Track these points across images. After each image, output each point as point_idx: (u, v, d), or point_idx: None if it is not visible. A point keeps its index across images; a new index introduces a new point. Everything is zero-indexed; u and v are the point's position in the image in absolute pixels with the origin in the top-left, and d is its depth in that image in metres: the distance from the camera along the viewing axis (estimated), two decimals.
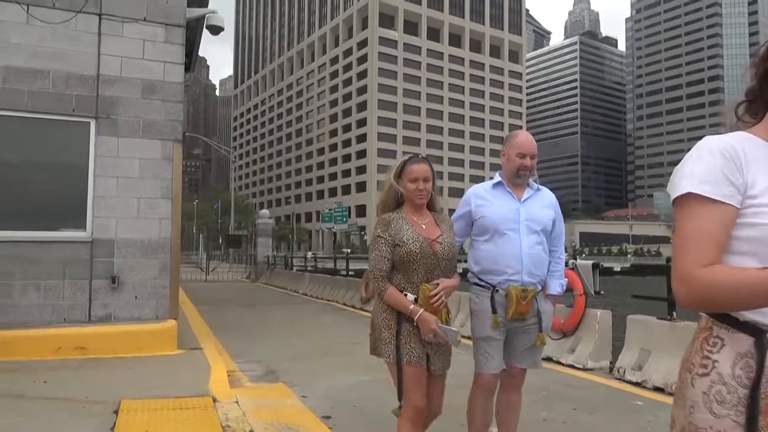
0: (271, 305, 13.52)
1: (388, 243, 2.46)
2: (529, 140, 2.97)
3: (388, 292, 2.44)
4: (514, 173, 2.91)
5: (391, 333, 2.44)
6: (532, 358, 2.95)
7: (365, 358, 6.34)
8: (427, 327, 2.38)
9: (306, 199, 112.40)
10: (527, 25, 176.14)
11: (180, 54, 6.32)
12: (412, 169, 2.55)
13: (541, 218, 2.92)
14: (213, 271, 25.70)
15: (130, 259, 5.84)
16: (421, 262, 2.45)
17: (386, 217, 2.54)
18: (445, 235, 2.57)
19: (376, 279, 2.47)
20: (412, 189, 2.53)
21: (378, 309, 2.54)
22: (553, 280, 2.97)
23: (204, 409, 4.01)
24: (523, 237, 2.81)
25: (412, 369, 2.43)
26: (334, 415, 4.11)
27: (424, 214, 2.60)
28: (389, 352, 2.44)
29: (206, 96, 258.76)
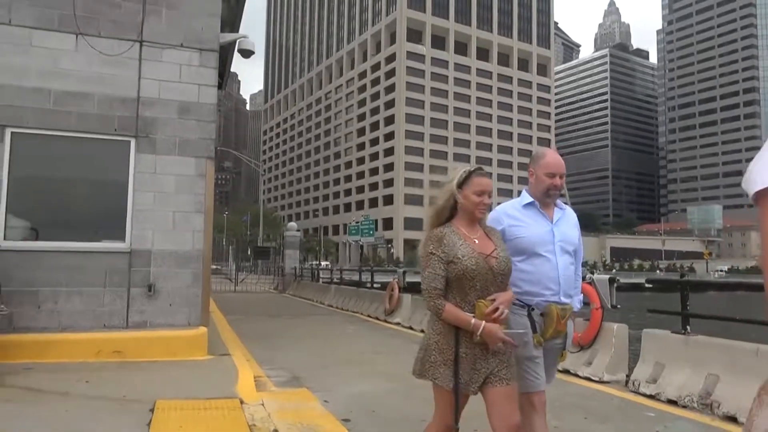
0: (297, 316, 13.84)
1: (442, 260, 2.35)
2: (558, 159, 2.94)
3: (446, 309, 2.33)
4: (544, 193, 2.87)
5: (444, 357, 2.35)
6: (552, 374, 2.96)
7: (385, 367, 6.62)
8: (495, 337, 2.29)
9: (333, 212, 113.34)
10: (556, 38, 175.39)
11: (213, 77, 6.72)
12: (480, 182, 2.45)
13: (573, 239, 2.92)
14: (242, 282, 26.23)
15: (165, 268, 6.22)
16: (478, 278, 2.34)
17: (438, 232, 2.43)
18: (500, 250, 2.46)
19: (431, 298, 2.36)
20: (476, 202, 2.43)
21: (432, 331, 2.42)
22: (575, 297, 2.95)
23: (232, 410, 4.29)
24: (559, 258, 2.80)
25: (450, 393, 2.36)
26: (353, 419, 4.35)
27: (475, 228, 2.49)
28: (438, 375, 2.35)
29: (237, 111, 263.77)
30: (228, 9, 7.85)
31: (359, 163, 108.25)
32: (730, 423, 4.43)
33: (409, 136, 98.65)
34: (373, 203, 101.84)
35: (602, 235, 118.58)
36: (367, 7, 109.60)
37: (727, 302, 38.73)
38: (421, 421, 4.39)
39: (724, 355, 4.90)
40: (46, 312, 5.83)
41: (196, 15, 6.71)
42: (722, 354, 4.92)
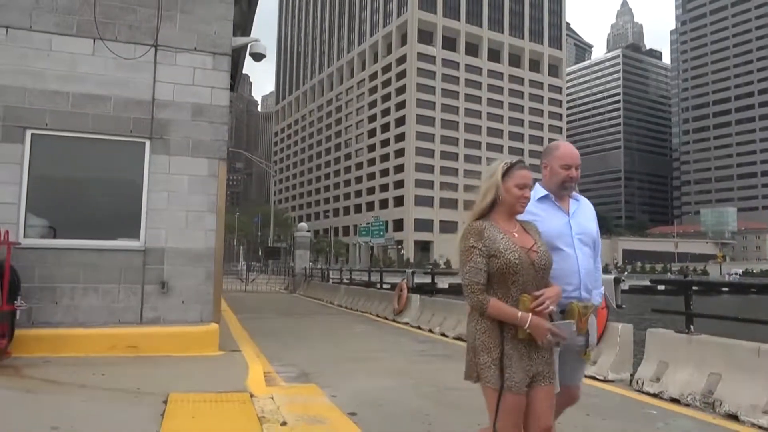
0: (307, 315, 13.99)
1: (483, 254, 2.28)
2: (573, 151, 2.87)
3: (491, 304, 2.25)
4: (559, 185, 2.79)
5: (491, 357, 2.25)
6: (579, 374, 2.88)
7: (393, 364, 6.74)
8: (543, 330, 2.23)
9: (344, 213, 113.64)
10: (568, 39, 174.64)
11: (226, 80, 6.89)
12: (523, 175, 2.40)
13: (591, 231, 2.84)
14: (253, 282, 26.47)
15: (178, 266, 6.38)
16: (520, 273, 2.27)
17: (478, 225, 2.35)
18: (540, 244, 2.40)
19: (474, 294, 2.27)
20: (518, 195, 2.38)
21: (475, 331, 2.32)
22: (596, 290, 2.86)
23: (242, 403, 4.43)
24: (578, 251, 2.72)
25: (512, 397, 2.24)
26: (359, 412, 4.47)
27: (513, 223, 2.43)
28: (489, 377, 2.24)
29: (249, 112, 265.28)
30: (240, 13, 8.02)
31: (370, 165, 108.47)
32: (732, 421, 4.50)
33: (420, 138, 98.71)
34: (383, 204, 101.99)
35: (614, 237, 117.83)
36: (378, 9, 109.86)
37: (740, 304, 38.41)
38: (425, 416, 4.52)
39: (727, 354, 4.96)
40: (63, 307, 6.02)
41: (210, 20, 6.88)
42: (724, 353, 4.98)
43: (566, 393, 2.75)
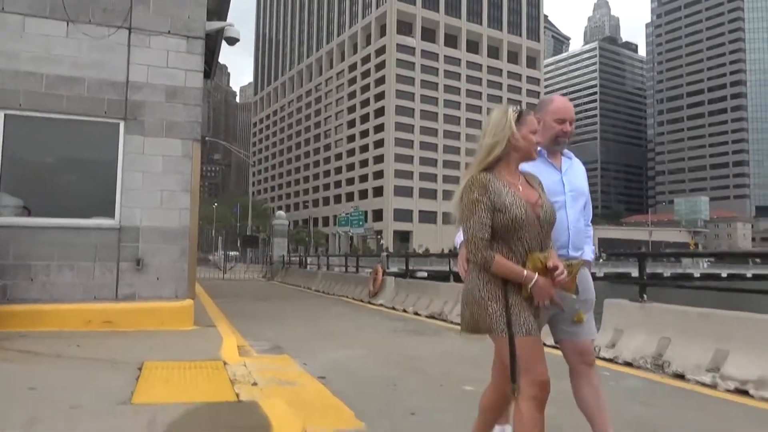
0: (284, 299, 14.17)
1: (488, 208, 2.16)
2: (567, 104, 2.78)
3: (496, 260, 2.14)
4: (552, 141, 2.70)
5: (501, 305, 2.14)
6: (589, 325, 2.70)
7: (365, 339, 6.98)
8: (546, 293, 2.15)
9: (323, 204, 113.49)
10: (546, 31, 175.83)
11: (199, 63, 7.00)
12: (533, 120, 2.29)
13: (582, 189, 2.78)
14: (230, 270, 26.51)
15: (152, 244, 6.52)
16: (526, 228, 2.17)
17: (482, 178, 2.20)
18: (543, 198, 2.30)
19: (478, 249, 2.16)
20: (534, 141, 2.27)
21: (479, 282, 2.21)
22: (587, 246, 2.81)
23: (215, 369, 4.61)
24: (569, 209, 2.65)
25: (532, 339, 2.14)
26: (329, 376, 4.69)
27: (517, 174, 2.31)
28: (501, 326, 2.13)
29: (227, 103, 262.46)
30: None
31: (349, 155, 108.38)
32: (678, 380, 4.81)
33: (399, 128, 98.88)
34: (363, 195, 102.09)
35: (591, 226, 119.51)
36: (357, 0, 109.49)
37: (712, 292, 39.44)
38: (391, 379, 4.75)
39: (676, 319, 5.29)
40: (38, 284, 6.12)
41: (183, 4, 6.97)
42: (675, 318, 5.31)
43: (574, 348, 2.64)
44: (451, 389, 4.41)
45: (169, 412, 2.97)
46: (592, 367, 2.68)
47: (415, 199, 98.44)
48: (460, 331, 2.34)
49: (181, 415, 2.92)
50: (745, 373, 4.36)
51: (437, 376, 4.93)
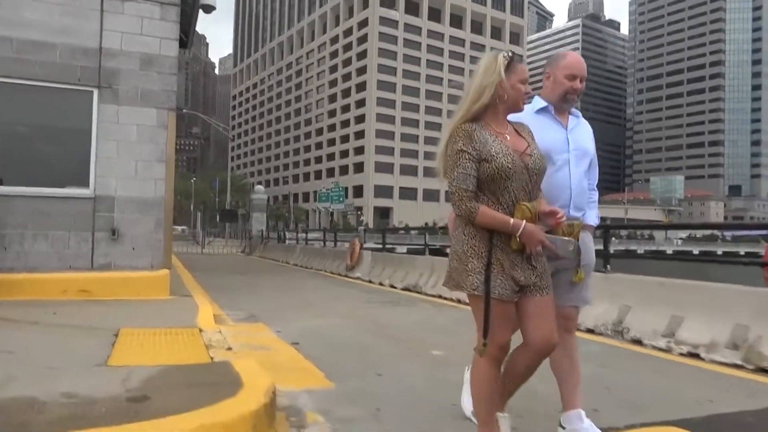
0: (261, 272, 14.25)
1: (473, 158, 2.10)
2: (581, 60, 2.68)
3: (480, 212, 2.08)
4: (561, 97, 2.62)
5: (482, 263, 2.09)
6: (578, 293, 2.66)
7: (341, 309, 7.11)
8: (536, 239, 2.07)
9: (304, 179, 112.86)
10: (530, 7, 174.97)
11: (174, 30, 6.93)
12: (525, 69, 2.21)
13: (588, 149, 2.70)
14: (209, 244, 26.45)
15: (128, 214, 6.53)
16: (513, 178, 2.11)
17: (467, 127, 2.14)
18: (533, 147, 2.23)
19: (462, 201, 2.10)
20: (523, 91, 2.20)
21: (463, 236, 2.16)
22: (591, 211, 2.76)
23: (191, 336, 4.71)
24: (573, 168, 2.59)
25: (502, 305, 2.11)
26: (302, 342, 4.83)
27: (505, 124, 2.24)
28: (476, 283, 2.09)
29: (205, 74, 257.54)
30: None
31: (330, 130, 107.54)
32: (636, 345, 5.05)
33: (381, 104, 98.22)
34: (343, 171, 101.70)
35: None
36: None
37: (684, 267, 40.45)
38: (362, 344, 4.90)
39: (636, 288, 5.53)
40: (13, 253, 6.11)
41: None
42: (635, 287, 5.55)
43: (560, 313, 2.48)
44: (419, 354, 4.57)
45: (144, 371, 3.07)
46: (572, 334, 2.67)
47: (395, 176, 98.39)
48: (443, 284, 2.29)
49: (155, 373, 3.02)
50: (697, 338, 4.59)
51: (407, 342, 5.10)
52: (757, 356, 4.17)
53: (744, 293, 4.58)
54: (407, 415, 2.93)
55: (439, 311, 7.23)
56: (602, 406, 3.13)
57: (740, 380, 3.91)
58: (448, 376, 3.80)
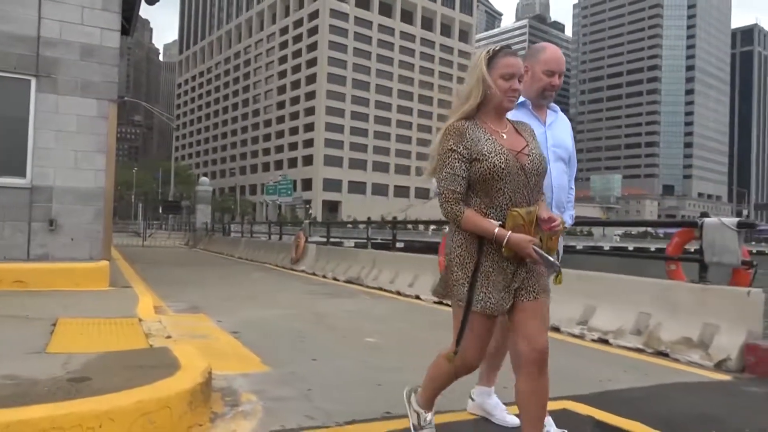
0: (205, 265, 14.19)
1: (464, 158, 1.98)
2: (560, 55, 2.60)
3: (465, 216, 1.98)
4: (539, 93, 2.56)
5: (465, 273, 2.00)
6: None
7: (283, 301, 7.30)
8: (523, 251, 1.94)
9: (251, 171, 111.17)
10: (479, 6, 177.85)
11: (116, 21, 6.90)
12: (509, 63, 2.03)
13: (567, 145, 2.64)
14: (151, 237, 25.90)
15: (66, 205, 6.49)
16: (507, 179, 1.98)
17: (458, 125, 2.02)
18: (532, 146, 2.09)
19: (448, 203, 1.99)
20: (505, 88, 2.03)
21: (451, 243, 2.08)
22: (566, 212, 2.70)
23: (130, 325, 4.80)
24: (552, 165, 2.52)
25: (482, 319, 2.02)
26: (242, 331, 5.00)
27: (503, 123, 2.11)
28: (461, 294, 2.01)
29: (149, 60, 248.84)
30: None
31: (279, 122, 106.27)
32: (554, 332, 5.47)
33: (331, 96, 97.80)
34: (292, 163, 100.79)
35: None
36: None
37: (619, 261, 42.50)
38: (300, 333, 5.12)
39: None
40: None
41: None
42: None
43: None
44: (353, 341, 4.84)
45: (83, 357, 3.19)
46: None
47: (345, 169, 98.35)
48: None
49: (94, 358, 3.15)
50: (606, 325, 5.06)
51: (343, 330, 5.36)
52: (656, 341, 4.66)
53: (647, 284, 5.07)
54: (335, 394, 3.18)
55: (378, 302, 7.52)
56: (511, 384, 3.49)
57: (639, 362, 4.37)
58: (378, 360, 4.09)
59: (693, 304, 4.62)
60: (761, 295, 4.27)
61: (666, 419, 2.94)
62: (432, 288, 2.22)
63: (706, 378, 3.94)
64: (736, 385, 3.77)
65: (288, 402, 3.00)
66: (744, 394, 3.60)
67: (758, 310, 4.26)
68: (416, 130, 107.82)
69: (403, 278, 8.45)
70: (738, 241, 4.47)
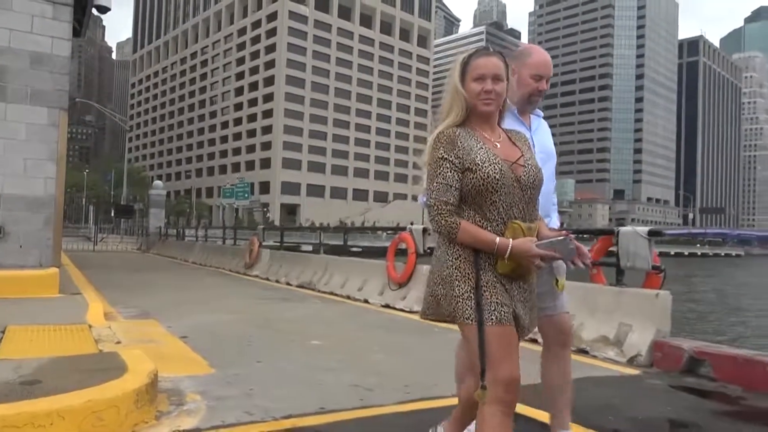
0: (157, 270, 14.14)
1: (456, 167, 1.85)
2: (547, 59, 2.49)
3: (462, 228, 1.82)
4: (526, 99, 2.46)
5: (470, 285, 1.80)
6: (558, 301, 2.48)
7: (232, 306, 7.47)
8: (531, 254, 1.78)
9: (208, 174, 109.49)
10: (438, 11, 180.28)
11: (67, 30, 6.96)
12: (478, 64, 1.90)
13: (551, 150, 2.57)
14: (102, 241, 25.40)
15: (16, 212, 6.52)
16: (502, 191, 1.84)
17: (450, 132, 1.89)
18: (528, 156, 1.97)
19: (441, 215, 1.84)
20: (477, 91, 1.89)
21: (446, 257, 1.88)
22: (554, 215, 2.64)
23: (80, 331, 4.92)
24: None
25: (500, 329, 1.78)
26: (191, 336, 5.19)
27: (496, 130, 1.98)
28: (468, 312, 1.78)
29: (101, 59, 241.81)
30: None
31: (236, 124, 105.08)
32: None
33: (289, 99, 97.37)
34: (249, 166, 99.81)
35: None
36: None
37: None
38: (248, 337, 5.34)
39: None
40: None
41: None
42: None
43: (552, 323, 2.44)
44: (299, 344, 5.10)
45: (34, 361, 3.35)
46: (567, 348, 2.50)
47: (303, 172, 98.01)
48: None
49: (45, 363, 3.32)
50: None
51: (291, 334, 5.61)
52: (578, 339, 5.08)
53: (573, 288, 5.49)
54: (275, 393, 3.44)
55: (328, 306, 7.79)
56: (441, 380, 3.83)
57: None
58: (319, 361, 4.37)
59: (610, 305, 5.07)
60: (668, 296, 4.76)
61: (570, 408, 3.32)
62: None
63: (617, 372, 4.36)
64: (642, 379, 4.21)
65: (230, 401, 3.25)
66: (647, 386, 4.03)
67: (666, 310, 4.74)
68: (375, 134, 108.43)
69: (353, 283, 8.74)
70: (648, 248, 4.94)
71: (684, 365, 4.32)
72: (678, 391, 3.90)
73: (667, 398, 3.73)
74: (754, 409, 3.54)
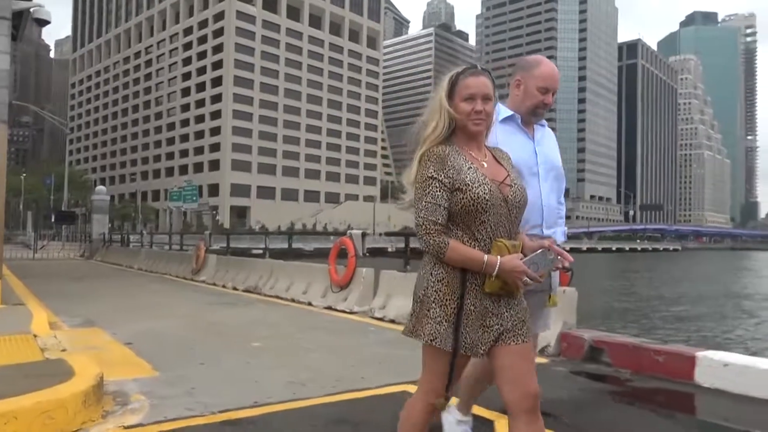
0: (102, 278, 14.03)
1: (445, 186, 1.84)
2: (555, 71, 2.47)
3: (450, 247, 1.81)
4: (531, 111, 2.44)
5: (446, 311, 1.82)
6: (544, 319, 2.58)
7: (180, 312, 7.68)
8: (518, 271, 1.79)
9: (154, 176, 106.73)
10: (387, 13, 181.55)
11: (6, 44, 7.01)
12: (468, 84, 1.91)
13: (556, 162, 2.53)
14: (42, 249, 24.72)
15: None
16: (490, 211, 1.85)
17: (439, 151, 1.88)
18: (514, 176, 1.98)
19: (429, 235, 1.83)
20: (467, 111, 1.90)
21: (429, 277, 1.88)
22: (559, 227, 2.57)
23: (25, 341, 5.08)
24: (542, 183, 2.42)
25: (463, 359, 1.91)
26: (135, 342, 5.42)
27: (482, 149, 1.99)
28: (437, 335, 1.82)
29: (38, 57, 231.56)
30: None
31: (183, 125, 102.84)
32: None
33: (238, 100, 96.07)
34: (198, 168, 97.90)
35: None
36: None
37: None
38: (191, 341, 5.61)
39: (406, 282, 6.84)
40: None
41: None
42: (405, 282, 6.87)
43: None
44: (241, 346, 5.42)
45: None
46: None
47: (253, 174, 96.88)
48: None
49: None
50: None
51: (233, 337, 5.91)
52: None
53: None
54: (215, 390, 3.77)
55: (272, 309, 8.09)
56: (368, 374, 4.25)
57: None
58: (259, 361, 4.72)
59: None
60: (575, 293, 5.33)
61: None
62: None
63: None
64: (548, 366, 4.73)
65: (172, 399, 3.56)
66: (551, 373, 4.55)
67: (572, 305, 5.31)
68: (325, 135, 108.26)
69: (298, 286, 9.06)
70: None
71: (585, 354, 4.88)
72: (576, 375, 4.44)
73: (565, 382, 4.26)
74: (636, 390, 4.10)
